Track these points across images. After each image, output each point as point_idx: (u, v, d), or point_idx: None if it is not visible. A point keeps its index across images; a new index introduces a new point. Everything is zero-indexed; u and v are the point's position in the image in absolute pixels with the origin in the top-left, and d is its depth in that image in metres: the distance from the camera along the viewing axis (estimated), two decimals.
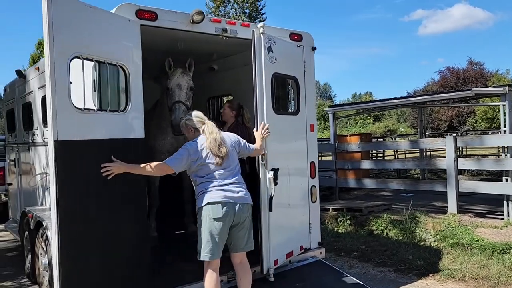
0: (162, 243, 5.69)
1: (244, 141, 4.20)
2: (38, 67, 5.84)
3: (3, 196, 10.05)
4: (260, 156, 4.47)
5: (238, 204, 3.76)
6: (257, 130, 4.45)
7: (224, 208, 3.68)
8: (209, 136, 3.80)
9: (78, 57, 3.37)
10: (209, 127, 3.88)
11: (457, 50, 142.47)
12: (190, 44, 5.11)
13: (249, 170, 5.54)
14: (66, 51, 3.26)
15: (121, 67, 3.72)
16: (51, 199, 3.23)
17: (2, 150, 9.67)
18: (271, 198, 4.40)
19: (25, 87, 6.49)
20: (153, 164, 3.69)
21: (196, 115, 4.01)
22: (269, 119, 4.51)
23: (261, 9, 39.40)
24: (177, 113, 4.68)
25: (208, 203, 3.69)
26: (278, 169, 4.48)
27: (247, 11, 38.71)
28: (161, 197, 5.86)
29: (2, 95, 9.07)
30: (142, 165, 3.65)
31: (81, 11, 3.37)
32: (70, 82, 3.29)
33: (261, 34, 4.43)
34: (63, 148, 3.20)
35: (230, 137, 4.05)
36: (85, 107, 3.43)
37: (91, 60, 3.49)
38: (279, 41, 4.71)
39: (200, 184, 3.78)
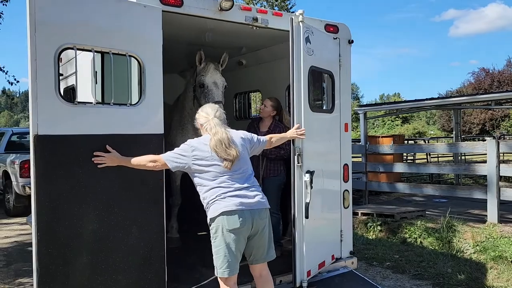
0: (183, 245, 5.41)
1: (256, 136, 3.75)
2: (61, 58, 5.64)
3: (27, 189, 10.00)
4: (296, 157, 4.06)
5: (256, 210, 3.32)
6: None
7: (241, 217, 3.24)
8: (213, 137, 3.32)
9: (71, 48, 3.12)
10: (211, 125, 3.40)
11: (492, 51, 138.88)
12: (219, 36, 4.79)
13: None
14: (53, 41, 3.02)
15: (133, 57, 3.40)
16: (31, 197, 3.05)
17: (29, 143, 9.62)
18: (307, 204, 4.01)
19: None
20: (148, 158, 3.29)
21: (206, 110, 3.55)
22: (306, 117, 4.11)
23: (291, 7, 39.05)
24: None
25: (223, 213, 3.23)
26: (314, 171, 4.07)
27: (276, 8, 38.46)
28: (184, 195, 5.56)
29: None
30: (136, 159, 3.28)
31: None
32: (60, 74, 3.06)
33: (300, 23, 4.03)
34: (44, 143, 3.01)
35: (241, 135, 3.55)
36: (78, 100, 3.20)
37: (90, 50, 3.22)
38: (316, 31, 4.31)
39: (210, 190, 3.29)
